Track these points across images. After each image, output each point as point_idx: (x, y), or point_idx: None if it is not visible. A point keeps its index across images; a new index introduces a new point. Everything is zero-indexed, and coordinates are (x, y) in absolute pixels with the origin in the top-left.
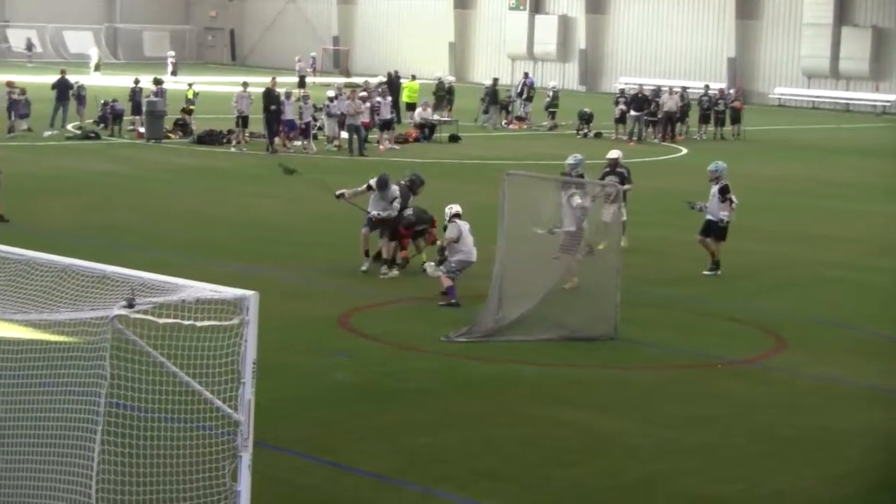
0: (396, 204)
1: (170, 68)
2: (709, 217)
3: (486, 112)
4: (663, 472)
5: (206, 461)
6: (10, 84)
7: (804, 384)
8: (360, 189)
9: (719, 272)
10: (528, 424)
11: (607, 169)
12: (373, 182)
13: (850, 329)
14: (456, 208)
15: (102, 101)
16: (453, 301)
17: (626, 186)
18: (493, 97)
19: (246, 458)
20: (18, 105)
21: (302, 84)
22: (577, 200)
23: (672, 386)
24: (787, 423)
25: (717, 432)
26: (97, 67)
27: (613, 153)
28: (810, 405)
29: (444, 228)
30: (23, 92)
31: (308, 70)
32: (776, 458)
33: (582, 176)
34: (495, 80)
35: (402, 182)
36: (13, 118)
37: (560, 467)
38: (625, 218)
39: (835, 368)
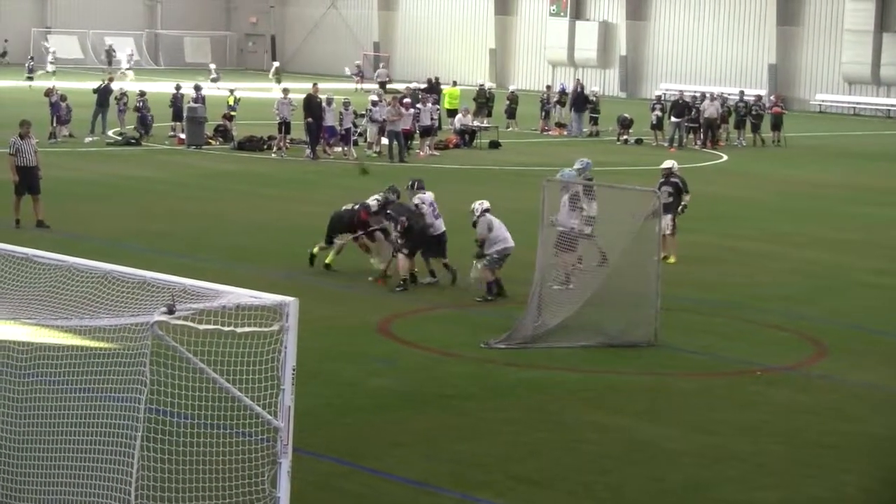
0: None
1: (213, 75)
2: (560, 228)
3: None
4: (705, 479)
5: (245, 467)
6: (49, 91)
7: (844, 391)
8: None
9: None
10: (569, 430)
11: (662, 179)
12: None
13: (890, 336)
14: (486, 204)
15: (135, 107)
16: (489, 297)
17: (685, 198)
18: (580, 103)
19: (285, 464)
20: (60, 110)
21: (437, 89)
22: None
23: (712, 392)
24: (828, 430)
25: (758, 439)
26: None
27: (667, 162)
28: (851, 412)
29: (474, 225)
30: (63, 98)
31: (355, 77)
32: (817, 465)
33: (591, 179)
34: (579, 81)
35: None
36: (55, 124)
37: (600, 474)
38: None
39: (875, 375)
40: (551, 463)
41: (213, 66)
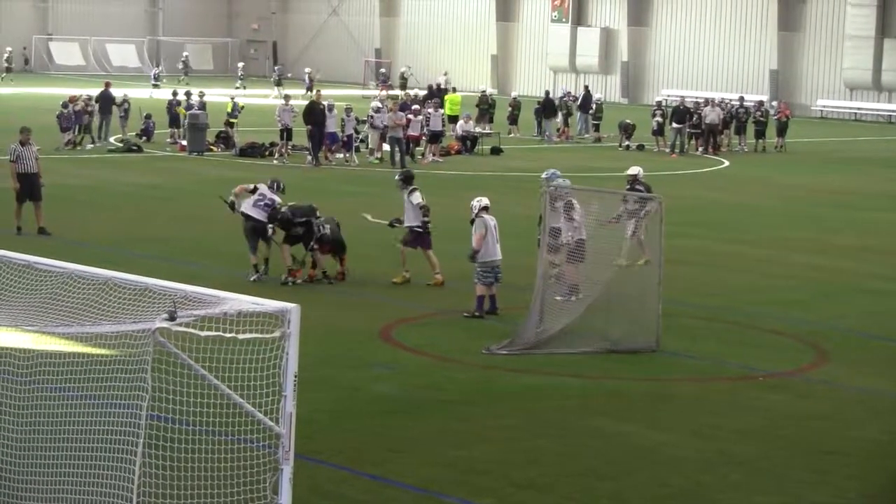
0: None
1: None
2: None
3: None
4: (706, 485)
5: (247, 474)
6: (73, 99)
7: (845, 397)
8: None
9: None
10: (570, 436)
11: (627, 186)
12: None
13: (891, 341)
14: (484, 201)
15: (145, 115)
16: (477, 314)
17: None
18: (586, 103)
19: (287, 470)
20: (70, 118)
21: (439, 94)
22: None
23: (714, 398)
24: (830, 435)
25: (759, 445)
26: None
27: (633, 169)
28: (852, 418)
29: (472, 222)
30: (65, 105)
31: (381, 85)
32: (818, 471)
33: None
34: (587, 87)
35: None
36: (76, 132)
37: (602, 479)
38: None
39: (876, 381)
40: (552, 469)
41: (240, 65)
